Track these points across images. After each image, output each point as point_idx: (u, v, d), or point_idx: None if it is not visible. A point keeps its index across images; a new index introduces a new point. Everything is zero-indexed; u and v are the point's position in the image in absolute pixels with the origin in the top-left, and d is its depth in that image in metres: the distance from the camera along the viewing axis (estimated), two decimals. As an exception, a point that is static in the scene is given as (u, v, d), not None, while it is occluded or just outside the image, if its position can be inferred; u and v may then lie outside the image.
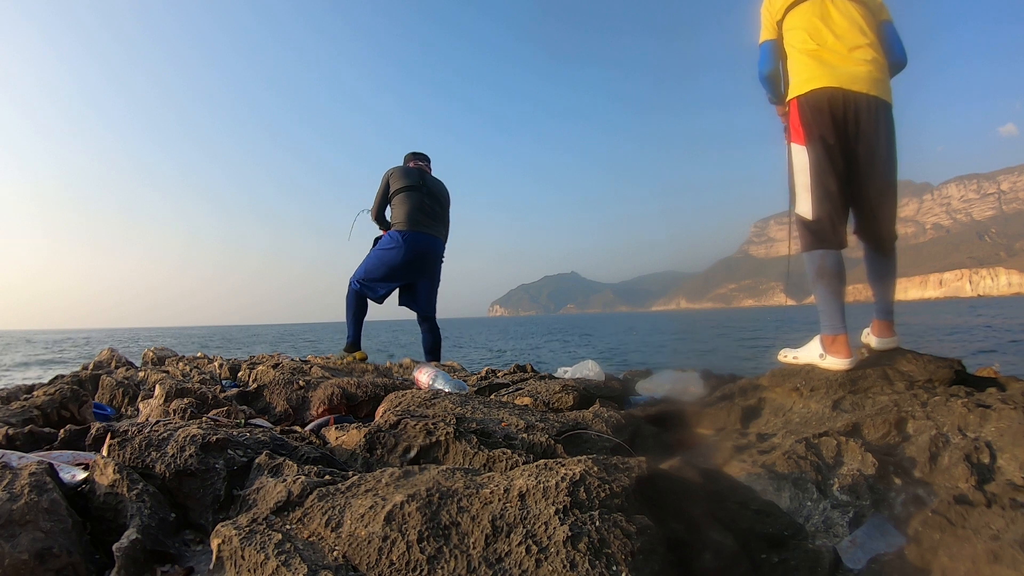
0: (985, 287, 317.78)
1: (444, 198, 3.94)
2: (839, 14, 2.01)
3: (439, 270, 3.94)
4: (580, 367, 2.98)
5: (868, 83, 1.91)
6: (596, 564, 0.74)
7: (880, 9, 2.07)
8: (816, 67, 1.97)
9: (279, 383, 2.30)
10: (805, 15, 2.04)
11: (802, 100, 1.98)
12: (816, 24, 2.01)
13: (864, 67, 1.93)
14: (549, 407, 2.05)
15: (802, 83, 2.00)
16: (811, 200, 1.94)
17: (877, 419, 1.42)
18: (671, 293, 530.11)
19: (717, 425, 1.78)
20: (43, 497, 0.91)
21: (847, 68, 1.93)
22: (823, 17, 2.01)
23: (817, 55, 1.98)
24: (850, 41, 1.96)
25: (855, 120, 1.91)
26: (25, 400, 2.31)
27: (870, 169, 1.94)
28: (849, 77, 1.92)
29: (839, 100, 1.91)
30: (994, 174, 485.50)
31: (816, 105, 1.94)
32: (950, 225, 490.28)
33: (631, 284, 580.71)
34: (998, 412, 1.31)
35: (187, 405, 1.86)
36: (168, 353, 5.47)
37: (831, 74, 1.94)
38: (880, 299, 2.08)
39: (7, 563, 0.80)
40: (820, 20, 2.00)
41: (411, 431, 1.33)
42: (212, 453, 1.12)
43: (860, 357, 2.03)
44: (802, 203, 1.97)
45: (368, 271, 3.77)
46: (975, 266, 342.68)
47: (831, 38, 1.98)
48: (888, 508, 1.12)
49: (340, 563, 0.78)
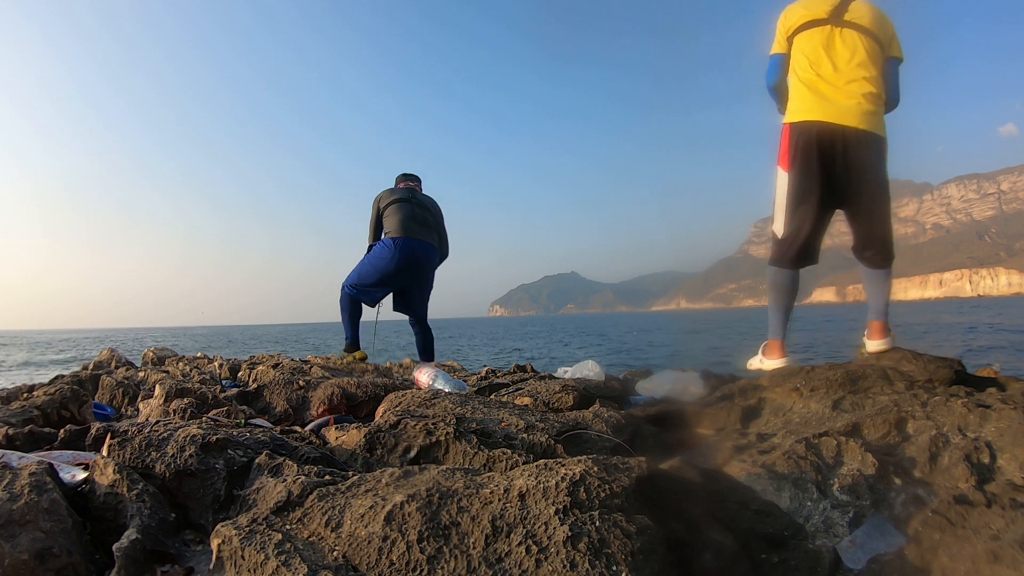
0: (985, 287, 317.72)
1: (435, 210, 3.96)
2: (843, 45, 2.04)
3: (432, 277, 3.95)
4: (580, 367, 2.97)
5: (859, 117, 1.97)
6: (596, 564, 0.74)
7: (890, 44, 2.08)
8: (810, 98, 2.03)
9: (279, 383, 2.30)
10: (812, 41, 2.07)
11: (794, 128, 2.06)
12: (819, 52, 2.05)
13: (856, 100, 1.98)
14: (549, 407, 2.05)
15: (795, 111, 2.07)
16: (784, 221, 2.07)
17: (877, 419, 1.42)
18: (671, 293, 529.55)
19: (717, 425, 1.78)
20: (43, 497, 0.91)
21: (840, 101, 1.99)
22: (827, 46, 2.04)
23: (813, 86, 2.04)
24: (848, 74, 2.01)
25: (843, 153, 1.98)
26: (25, 400, 2.31)
27: (858, 199, 2.02)
28: (841, 111, 1.98)
29: (827, 134, 1.99)
30: (994, 174, 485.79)
31: (805, 136, 2.02)
32: (950, 225, 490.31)
33: (631, 284, 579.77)
34: (998, 412, 1.31)
35: (187, 405, 1.86)
36: (168, 353, 5.48)
37: (823, 107, 2.00)
38: (873, 301, 2.12)
39: (7, 563, 0.80)
40: (824, 49, 2.04)
41: (411, 431, 1.33)
42: (212, 453, 1.12)
43: (860, 357, 2.04)
44: (777, 221, 2.11)
45: (361, 276, 3.78)
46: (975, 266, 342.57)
47: (830, 69, 2.02)
48: (888, 508, 1.12)
49: (340, 563, 0.78)
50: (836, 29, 2.04)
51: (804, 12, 2.12)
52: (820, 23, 2.07)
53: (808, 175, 2.00)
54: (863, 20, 2.04)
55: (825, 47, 2.04)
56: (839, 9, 2.06)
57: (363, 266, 3.81)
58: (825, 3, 2.09)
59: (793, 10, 2.16)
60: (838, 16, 2.05)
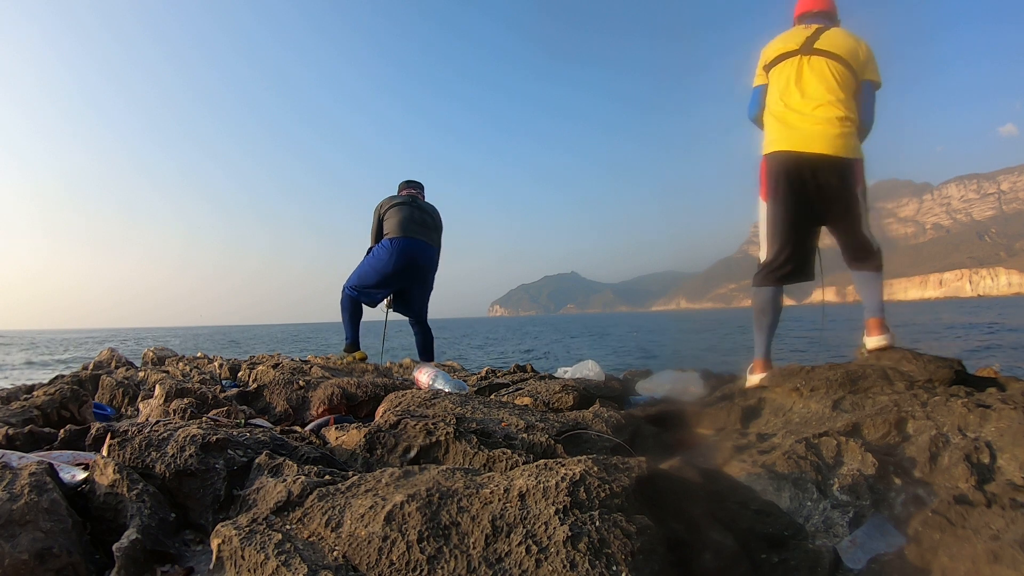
0: (985, 287, 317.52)
1: (435, 215, 3.98)
2: (811, 73, 2.15)
3: (432, 277, 3.96)
4: (580, 367, 2.97)
5: (824, 142, 2.06)
6: (596, 564, 0.74)
7: (864, 68, 2.17)
8: (780, 129, 2.15)
9: (279, 383, 2.30)
10: (783, 74, 2.20)
11: (768, 159, 2.18)
12: (788, 85, 2.17)
13: (822, 126, 2.07)
14: (549, 407, 2.05)
15: (768, 143, 2.19)
16: (766, 247, 2.20)
17: (877, 419, 1.42)
18: (671, 293, 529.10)
19: (717, 425, 1.78)
20: (43, 497, 0.91)
21: (806, 128, 2.09)
22: (797, 78, 2.16)
23: (782, 117, 2.15)
24: (815, 99, 2.11)
25: (813, 178, 2.09)
26: (25, 400, 2.31)
27: (834, 218, 2.16)
28: (806, 138, 2.09)
29: (794, 162, 2.10)
30: (994, 174, 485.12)
31: (776, 166, 2.14)
32: (950, 225, 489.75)
33: (631, 284, 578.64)
34: (998, 412, 1.31)
35: (187, 405, 1.86)
36: (168, 353, 5.48)
37: (790, 136, 2.12)
38: (867, 301, 2.18)
39: (7, 563, 0.80)
40: (794, 81, 2.16)
41: (411, 431, 1.33)
42: (212, 453, 1.12)
43: (860, 357, 2.05)
44: (762, 248, 2.23)
45: (361, 278, 3.79)
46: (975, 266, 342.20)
47: (798, 97, 2.13)
48: (888, 508, 1.12)
49: (340, 563, 0.78)
50: (805, 58, 2.16)
51: (779, 45, 2.25)
52: (792, 54, 2.19)
53: (783, 204, 2.13)
54: (833, 47, 2.15)
55: (795, 78, 2.16)
56: (811, 39, 2.18)
57: (363, 267, 3.82)
58: (799, 35, 2.22)
59: (771, 44, 2.29)
60: (809, 46, 2.17)
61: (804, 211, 2.14)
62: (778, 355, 2.29)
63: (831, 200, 2.10)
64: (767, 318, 2.23)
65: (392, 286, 3.82)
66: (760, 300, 2.24)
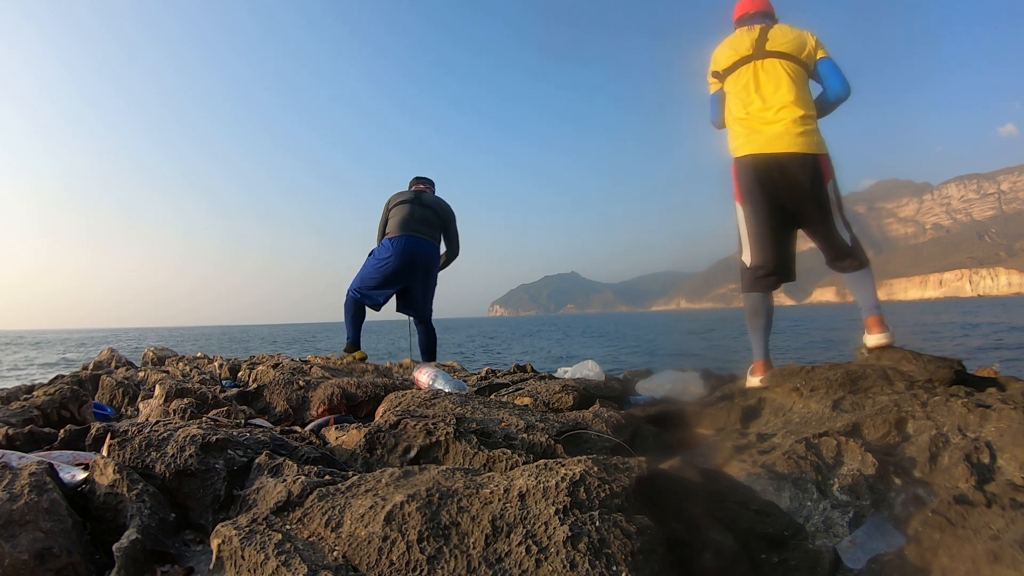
0: (985, 287, 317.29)
1: (441, 210, 3.98)
2: (766, 76, 2.19)
3: (434, 275, 3.96)
4: (580, 367, 2.97)
5: (787, 141, 2.11)
6: (596, 564, 0.74)
7: (813, 53, 2.21)
8: (744, 135, 2.20)
9: (279, 383, 2.30)
10: (740, 80, 2.24)
11: (737, 163, 2.22)
12: (747, 91, 2.21)
13: (784, 126, 2.11)
14: (549, 407, 2.05)
15: (735, 148, 2.23)
16: (748, 251, 2.21)
17: (877, 419, 1.42)
18: (671, 293, 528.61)
19: (717, 425, 1.78)
20: (43, 497, 0.91)
21: (770, 130, 2.13)
22: (754, 83, 2.20)
23: (745, 123, 2.20)
24: (775, 102, 2.15)
25: (782, 177, 2.12)
26: (25, 400, 2.31)
27: (808, 217, 2.18)
28: (770, 139, 2.13)
29: (763, 163, 2.14)
30: (994, 174, 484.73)
31: (745, 170, 2.18)
32: (950, 225, 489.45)
33: (631, 284, 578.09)
34: (998, 412, 1.31)
35: (187, 405, 1.86)
36: (168, 353, 5.47)
37: (755, 140, 2.16)
38: (862, 301, 2.19)
39: (7, 563, 0.80)
40: (751, 87, 2.20)
41: (411, 431, 1.33)
42: (212, 453, 1.12)
43: (860, 357, 2.05)
44: (743, 252, 2.24)
45: (364, 280, 3.82)
46: (975, 266, 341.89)
47: (758, 103, 2.18)
48: (888, 508, 1.12)
49: (340, 563, 0.78)
50: (759, 63, 2.20)
51: (731, 52, 2.28)
52: (746, 60, 2.23)
53: (757, 205, 2.17)
54: (782, 46, 2.19)
55: (752, 84, 2.20)
56: (760, 41, 2.22)
57: (365, 269, 3.84)
58: (748, 39, 2.25)
59: (721, 51, 2.33)
60: (760, 48, 2.21)
61: (778, 211, 2.17)
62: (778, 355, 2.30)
63: (803, 197, 2.13)
64: (760, 320, 2.25)
65: (394, 285, 3.83)
66: (751, 304, 2.26)
